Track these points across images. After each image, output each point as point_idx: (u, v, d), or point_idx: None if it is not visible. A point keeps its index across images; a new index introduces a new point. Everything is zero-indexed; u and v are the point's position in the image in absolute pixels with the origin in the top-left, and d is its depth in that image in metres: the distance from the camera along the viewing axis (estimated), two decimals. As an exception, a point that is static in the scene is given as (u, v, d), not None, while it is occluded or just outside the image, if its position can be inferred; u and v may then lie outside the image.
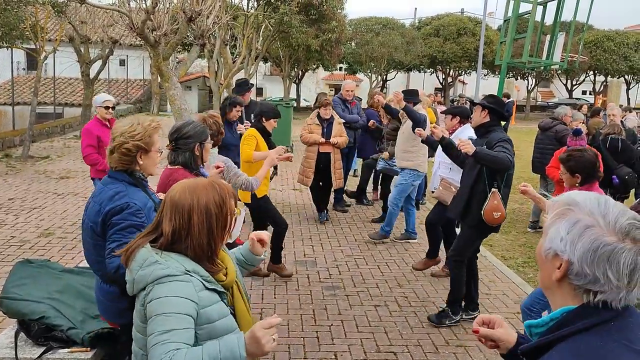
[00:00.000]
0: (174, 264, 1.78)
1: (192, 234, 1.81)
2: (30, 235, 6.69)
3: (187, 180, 1.94)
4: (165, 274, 1.75)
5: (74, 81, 25.53)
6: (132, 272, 1.82)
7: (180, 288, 1.74)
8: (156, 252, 1.81)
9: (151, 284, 1.76)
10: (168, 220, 1.82)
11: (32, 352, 2.95)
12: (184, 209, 1.81)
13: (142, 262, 1.80)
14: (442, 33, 33.26)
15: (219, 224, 1.85)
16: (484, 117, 4.50)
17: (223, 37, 17.76)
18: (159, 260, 1.78)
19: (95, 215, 2.54)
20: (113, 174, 2.61)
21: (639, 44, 33.88)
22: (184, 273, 1.76)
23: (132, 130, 2.57)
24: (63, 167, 11.34)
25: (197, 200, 1.82)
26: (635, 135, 8.21)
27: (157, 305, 1.71)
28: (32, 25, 12.81)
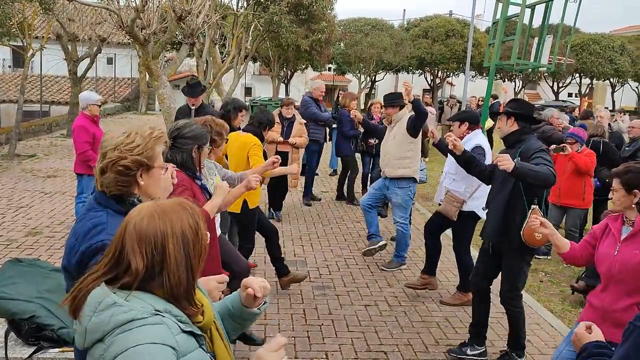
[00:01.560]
0: (139, 304, 1.41)
1: (168, 268, 1.45)
2: (17, 235, 6.62)
3: (150, 203, 1.56)
4: (129, 318, 1.38)
5: (61, 79, 25.28)
6: (84, 319, 1.43)
7: (151, 333, 1.38)
8: (114, 292, 1.43)
9: (110, 333, 1.39)
10: (138, 256, 1.43)
11: (23, 352, 2.93)
12: (157, 239, 1.45)
13: (95, 305, 1.42)
14: (430, 35, 33.41)
15: (196, 252, 1.51)
16: (511, 125, 3.98)
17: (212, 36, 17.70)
18: (117, 302, 1.41)
19: (69, 252, 2.04)
20: (99, 198, 2.06)
21: (624, 47, 34.34)
22: (153, 314, 1.41)
23: (129, 143, 2.04)
24: (50, 165, 11.23)
25: (170, 225, 1.47)
26: (622, 138, 8.31)
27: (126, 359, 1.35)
28: (19, 22, 12.67)
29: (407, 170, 5.86)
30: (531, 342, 4.53)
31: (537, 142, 3.92)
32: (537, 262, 6.68)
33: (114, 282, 1.46)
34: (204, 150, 3.20)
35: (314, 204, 8.88)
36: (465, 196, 5.00)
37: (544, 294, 5.72)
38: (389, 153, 5.98)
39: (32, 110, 20.67)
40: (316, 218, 8.05)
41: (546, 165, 3.60)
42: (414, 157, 5.91)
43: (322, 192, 9.70)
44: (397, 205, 6.00)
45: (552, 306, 5.41)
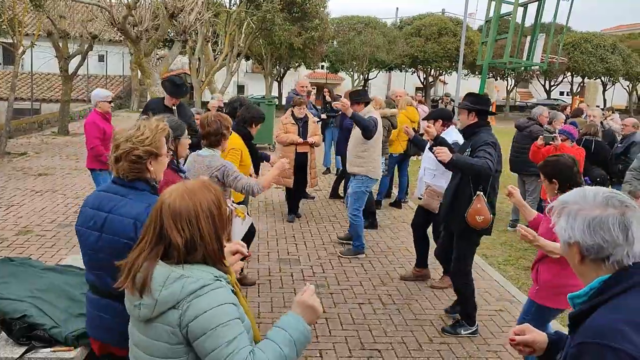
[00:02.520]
0: (202, 274, 1.70)
1: (204, 240, 1.73)
2: (8, 233, 6.56)
3: (179, 184, 1.82)
4: (199, 285, 1.67)
5: (52, 77, 25.10)
6: (153, 293, 1.68)
7: (220, 295, 1.69)
8: (176, 267, 1.71)
9: (184, 300, 1.66)
10: (176, 232, 1.70)
11: (14, 352, 2.89)
12: (191, 216, 1.71)
13: (163, 280, 1.68)
14: (423, 33, 33.49)
15: (220, 224, 1.79)
16: (472, 118, 4.37)
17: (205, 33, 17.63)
18: (184, 274, 1.68)
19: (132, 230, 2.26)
20: (129, 183, 2.38)
21: (615, 46, 34.57)
22: (214, 280, 1.70)
23: (139, 135, 2.37)
24: (41, 163, 11.14)
25: (199, 204, 1.74)
26: (614, 136, 8.35)
27: (208, 318, 1.64)
28: (9, 18, 12.55)
29: (361, 169, 6.15)
30: (524, 339, 4.54)
31: (487, 135, 4.27)
32: (530, 259, 6.71)
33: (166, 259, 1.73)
34: (181, 141, 3.27)
35: (308, 202, 8.86)
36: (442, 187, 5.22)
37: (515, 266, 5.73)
38: (349, 150, 6.40)
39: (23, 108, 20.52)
40: (310, 216, 8.04)
41: (485, 158, 4.01)
42: (368, 157, 6.12)
43: (316, 191, 9.68)
44: (350, 195, 6.38)
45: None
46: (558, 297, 3.25)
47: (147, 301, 1.70)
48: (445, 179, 5.12)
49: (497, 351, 4.33)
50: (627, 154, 7.32)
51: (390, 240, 7.08)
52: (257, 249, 6.38)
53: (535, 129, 7.54)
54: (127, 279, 1.73)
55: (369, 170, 6.17)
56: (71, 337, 2.94)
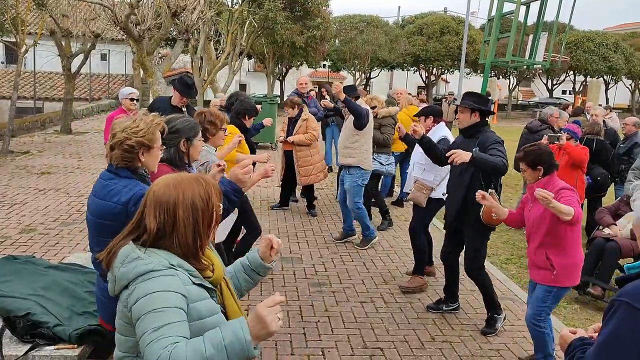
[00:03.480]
0: (157, 259, 1.71)
1: (177, 229, 1.74)
2: (11, 232, 6.58)
3: (171, 174, 1.87)
4: (148, 269, 1.68)
5: (55, 75, 25.13)
6: (114, 270, 1.75)
7: (166, 282, 1.66)
8: (139, 249, 1.75)
9: (133, 281, 1.68)
10: (152, 217, 1.75)
11: (18, 349, 2.91)
12: (169, 204, 1.74)
13: (123, 258, 1.74)
14: (425, 32, 33.44)
15: (204, 220, 1.79)
16: (475, 118, 4.39)
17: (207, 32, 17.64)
18: (141, 256, 1.72)
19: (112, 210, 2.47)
20: (114, 169, 2.54)
21: (617, 44, 34.47)
22: (168, 267, 1.70)
23: (134, 127, 2.49)
24: (44, 162, 11.17)
25: (182, 194, 1.76)
26: (616, 135, 8.34)
27: (144, 303, 1.63)
28: (12, 17, 12.57)
29: (352, 160, 6.26)
30: (526, 338, 4.54)
31: (493, 134, 4.35)
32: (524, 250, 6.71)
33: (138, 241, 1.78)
34: (194, 143, 3.14)
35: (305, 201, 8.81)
36: (434, 184, 5.27)
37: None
38: (340, 142, 6.57)
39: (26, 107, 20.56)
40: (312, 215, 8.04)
41: (500, 156, 4.09)
42: (360, 147, 6.24)
43: (318, 189, 9.68)
44: (347, 190, 6.44)
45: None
46: (573, 275, 3.70)
47: (110, 277, 1.78)
48: (433, 173, 5.24)
49: (499, 349, 4.34)
50: (631, 154, 7.31)
51: (392, 238, 7.09)
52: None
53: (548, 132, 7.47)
54: (103, 254, 1.81)
55: (361, 160, 6.26)
56: (75, 335, 2.96)
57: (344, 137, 6.39)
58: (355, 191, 6.38)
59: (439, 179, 5.26)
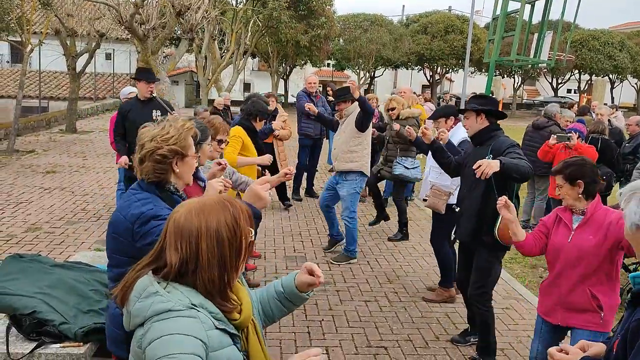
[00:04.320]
0: (177, 296, 1.49)
1: (201, 265, 1.50)
2: (17, 230, 6.62)
3: (193, 199, 1.62)
4: (165, 308, 1.46)
5: (59, 75, 25.22)
6: (130, 303, 1.53)
7: (184, 325, 1.45)
8: (158, 282, 1.52)
9: (149, 319, 1.47)
10: (173, 250, 1.50)
11: (24, 347, 2.92)
12: (192, 235, 1.50)
13: (140, 292, 1.51)
14: (429, 30, 33.40)
15: (232, 252, 1.53)
16: (481, 121, 3.88)
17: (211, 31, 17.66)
18: (159, 292, 1.49)
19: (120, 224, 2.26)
20: (141, 183, 2.31)
21: (623, 43, 34.33)
22: (188, 308, 1.47)
23: (164, 134, 2.24)
24: (49, 161, 11.22)
25: (205, 223, 1.51)
26: (622, 134, 8.31)
27: (159, 346, 1.42)
28: (17, 17, 12.63)
29: (354, 164, 5.87)
30: (531, 337, 4.53)
31: (507, 138, 3.84)
32: (537, 257, 6.70)
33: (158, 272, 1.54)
34: (203, 147, 3.13)
35: (314, 200, 8.84)
36: (451, 188, 4.95)
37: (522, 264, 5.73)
38: (337, 147, 6.01)
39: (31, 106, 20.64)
40: (315, 214, 8.05)
41: (522, 159, 3.57)
42: (362, 151, 5.89)
43: (322, 189, 9.68)
44: (342, 199, 6.02)
45: (551, 302, 5.41)
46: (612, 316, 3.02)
47: (125, 311, 1.57)
48: (450, 177, 4.88)
49: (503, 349, 4.33)
50: (636, 153, 7.28)
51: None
52: (264, 247, 6.40)
53: (555, 129, 7.44)
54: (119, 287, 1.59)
55: (363, 165, 5.90)
56: (80, 333, 2.97)
57: (343, 140, 5.92)
58: (352, 199, 5.96)
59: (456, 183, 4.80)
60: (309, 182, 9.16)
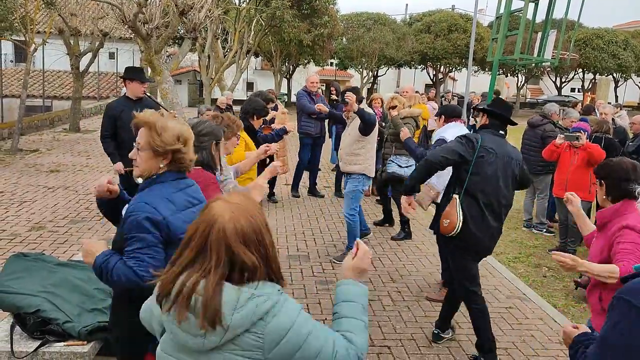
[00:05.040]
0: (268, 289, 1.59)
1: (270, 256, 1.64)
2: (21, 229, 6.63)
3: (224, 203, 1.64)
4: (272, 303, 1.56)
5: (63, 74, 25.27)
6: (224, 318, 1.51)
7: (292, 306, 1.61)
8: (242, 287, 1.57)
9: (260, 321, 1.54)
10: (248, 253, 1.57)
11: (28, 346, 2.93)
12: (256, 234, 1.61)
13: (234, 303, 1.53)
14: (433, 29, 33.35)
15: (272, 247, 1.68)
16: (484, 120, 4.06)
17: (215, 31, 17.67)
18: (255, 293, 1.56)
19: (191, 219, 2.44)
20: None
21: (627, 42, 34.21)
22: (280, 294, 1.62)
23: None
24: (53, 160, 11.24)
25: (257, 220, 1.63)
26: (626, 133, 8.28)
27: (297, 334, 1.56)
28: (21, 16, 12.66)
29: (358, 167, 5.93)
30: (535, 337, 4.54)
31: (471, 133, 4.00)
32: (540, 257, 6.69)
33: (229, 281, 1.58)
34: (220, 145, 3.20)
35: (316, 198, 8.88)
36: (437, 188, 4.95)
37: (547, 289, 5.72)
38: (343, 148, 6.09)
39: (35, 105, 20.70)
40: (319, 213, 8.06)
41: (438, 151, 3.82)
42: (366, 154, 5.94)
43: (325, 187, 9.70)
44: (345, 195, 6.20)
45: (555, 301, 5.41)
46: None
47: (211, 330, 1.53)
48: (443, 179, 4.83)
49: (506, 348, 4.32)
50: (639, 153, 7.26)
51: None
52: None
53: (549, 127, 7.46)
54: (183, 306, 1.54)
55: (366, 167, 5.97)
56: (84, 332, 2.98)
57: (348, 142, 6.01)
58: (354, 196, 6.03)
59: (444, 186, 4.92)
60: (312, 181, 9.16)
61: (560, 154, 6.63)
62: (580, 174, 6.42)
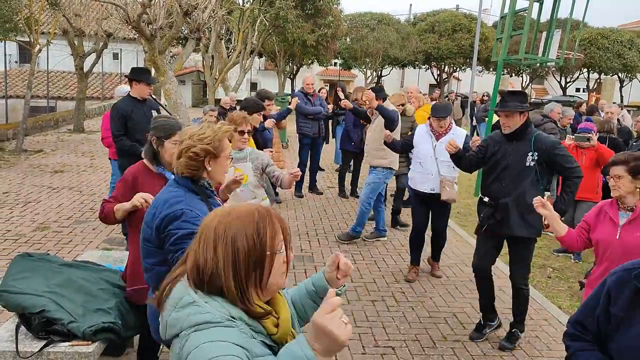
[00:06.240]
0: (216, 308, 1.41)
1: (217, 271, 1.42)
2: (25, 229, 6.65)
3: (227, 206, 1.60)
4: (204, 320, 1.38)
5: (67, 75, 25.34)
6: (166, 312, 1.46)
7: (224, 333, 1.37)
8: (194, 291, 1.44)
9: (186, 330, 1.39)
10: (193, 251, 1.47)
11: (33, 346, 2.93)
12: (209, 238, 1.44)
13: (176, 301, 1.45)
14: (437, 29, 33.28)
15: (248, 263, 1.43)
16: (523, 118, 4.09)
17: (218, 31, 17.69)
18: (196, 301, 1.42)
19: (150, 219, 2.43)
20: (177, 178, 2.48)
21: (632, 41, 34.04)
22: (227, 319, 1.40)
23: (201, 134, 2.43)
24: (57, 161, 11.27)
25: (224, 229, 1.44)
26: (630, 133, 8.26)
27: (198, 354, 1.33)
28: (26, 17, 12.70)
29: (385, 161, 6.37)
30: (539, 338, 4.52)
31: (547, 136, 4.17)
32: (545, 257, 6.67)
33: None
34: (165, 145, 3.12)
35: (320, 198, 8.89)
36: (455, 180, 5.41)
37: (552, 290, 5.70)
38: (369, 144, 6.54)
39: (39, 106, 20.75)
40: (323, 214, 8.05)
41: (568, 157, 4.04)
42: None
43: (329, 188, 9.70)
44: (368, 185, 6.51)
45: (560, 302, 5.39)
46: None
47: (161, 319, 1.50)
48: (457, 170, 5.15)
49: (511, 349, 4.31)
50: (645, 152, 7.22)
51: (403, 237, 7.06)
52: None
53: (549, 126, 7.46)
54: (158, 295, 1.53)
55: (392, 161, 6.38)
56: (89, 332, 2.98)
57: (374, 138, 6.38)
58: (374, 187, 6.44)
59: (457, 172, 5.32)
60: (312, 180, 9.23)
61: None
62: (588, 175, 6.38)
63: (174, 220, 2.34)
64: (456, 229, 7.55)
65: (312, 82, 8.98)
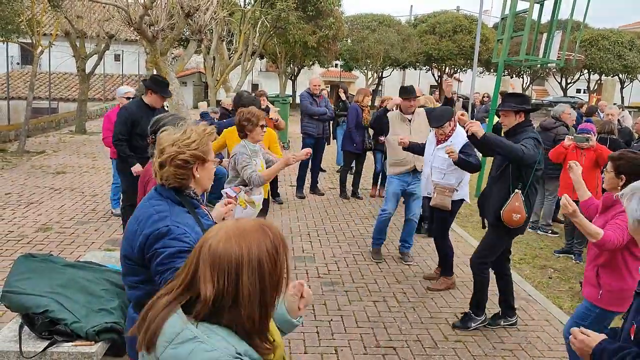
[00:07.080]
0: (221, 344, 1.27)
1: (240, 300, 1.29)
2: (28, 230, 6.67)
3: (229, 222, 1.40)
4: (210, 358, 1.25)
5: (69, 76, 25.41)
6: (158, 349, 1.30)
7: None
8: (193, 323, 1.30)
9: None
10: (209, 281, 1.29)
11: (36, 346, 2.95)
12: (231, 265, 1.29)
13: (172, 336, 1.29)
14: (438, 30, 33.30)
15: (272, 285, 1.33)
16: (520, 118, 4.29)
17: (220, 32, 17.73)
18: (198, 337, 1.27)
19: (131, 237, 2.19)
20: (160, 189, 2.23)
21: (633, 42, 34.06)
22: (234, 357, 1.27)
23: (185, 139, 2.17)
24: (59, 162, 11.30)
25: (247, 251, 1.30)
26: (631, 134, 8.26)
27: None
28: (27, 19, 12.73)
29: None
30: (540, 338, 4.53)
31: (533, 133, 4.25)
32: (546, 258, 6.68)
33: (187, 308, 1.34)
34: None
35: (321, 199, 8.91)
36: (454, 186, 5.23)
37: (553, 291, 5.71)
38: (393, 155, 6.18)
39: (41, 107, 20.79)
40: (324, 214, 8.07)
41: (524, 146, 4.03)
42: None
43: (330, 189, 9.71)
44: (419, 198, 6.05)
45: (561, 302, 5.39)
46: (623, 301, 3.20)
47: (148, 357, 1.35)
48: (455, 177, 5.18)
49: (512, 350, 4.32)
50: (645, 153, 7.23)
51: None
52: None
53: (561, 130, 7.43)
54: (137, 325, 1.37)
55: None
56: (92, 332, 3.00)
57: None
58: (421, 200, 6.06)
59: (459, 181, 5.24)
60: (313, 180, 9.26)
61: (567, 155, 6.61)
62: (588, 175, 6.39)
63: (160, 239, 2.10)
64: (456, 229, 7.57)
65: (318, 83, 9.00)
